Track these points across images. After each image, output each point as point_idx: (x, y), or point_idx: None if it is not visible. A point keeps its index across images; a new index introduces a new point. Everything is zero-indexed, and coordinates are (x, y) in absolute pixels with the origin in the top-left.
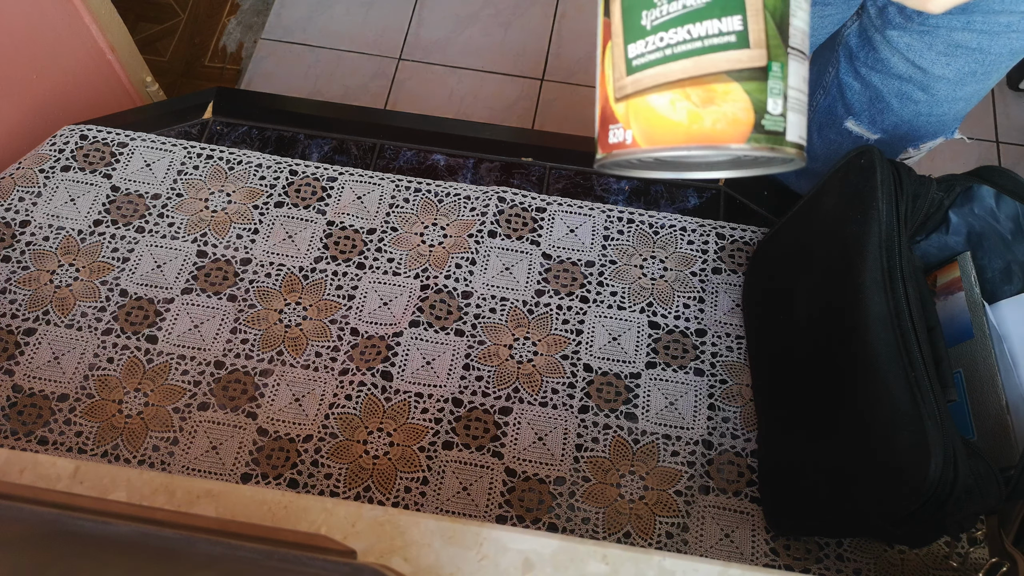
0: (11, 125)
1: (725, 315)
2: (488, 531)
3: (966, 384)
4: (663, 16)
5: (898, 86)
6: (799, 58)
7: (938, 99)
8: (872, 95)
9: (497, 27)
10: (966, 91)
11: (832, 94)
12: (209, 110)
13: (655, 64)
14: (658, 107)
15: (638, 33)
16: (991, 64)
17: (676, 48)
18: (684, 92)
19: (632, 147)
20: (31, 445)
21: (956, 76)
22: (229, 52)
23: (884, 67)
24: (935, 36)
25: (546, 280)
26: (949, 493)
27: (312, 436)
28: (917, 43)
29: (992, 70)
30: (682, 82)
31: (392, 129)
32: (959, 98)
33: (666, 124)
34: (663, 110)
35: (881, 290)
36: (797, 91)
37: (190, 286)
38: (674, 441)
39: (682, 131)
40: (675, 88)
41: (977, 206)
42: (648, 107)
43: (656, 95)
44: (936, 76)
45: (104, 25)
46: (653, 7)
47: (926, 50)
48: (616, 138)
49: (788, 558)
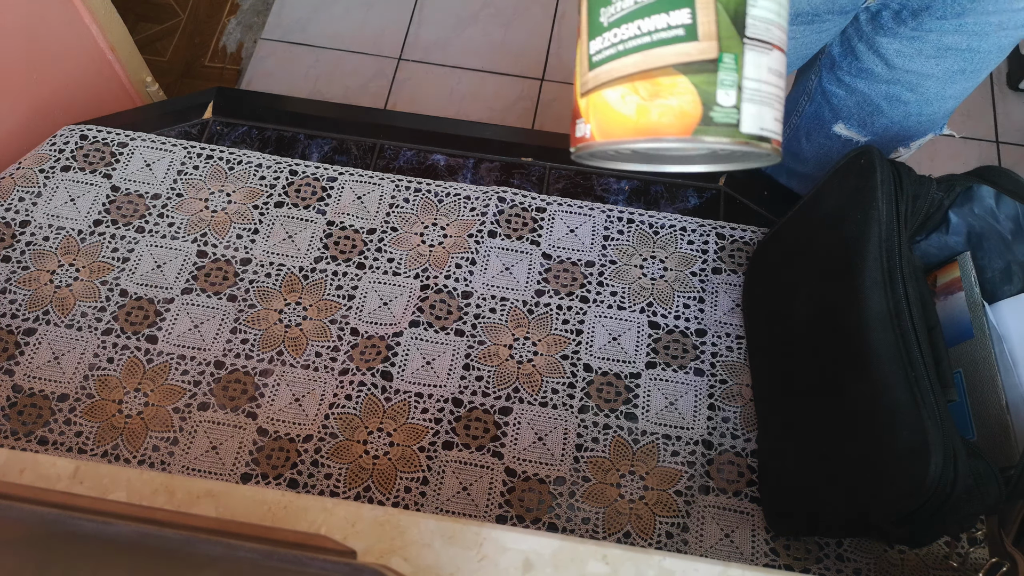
0: (11, 125)
1: (725, 315)
2: (488, 531)
3: (966, 384)
4: (617, 13)
5: (886, 89)
6: (760, 48)
7: (928, 99)
8: (859, 99)
9: (497, 27)
10: (955, 89)
11: (817, 100)
12: (209, 110)
13: (609, 60)
14: (611, 101)
15: (597, 30)
16: (980, 62)
17: (627, 43)
18: (633, 87)
19: (590, 140)
20: (31, 445)
21: (945, 75)
22: (229, 52)
23: (869, 74)
24: (925, 41)
25: (546, 280)
26: (949, 493)
27: (312, 436)
28: (907, 48)
29: (981, 67)
30: (631, 76)
31: (392, 129)
32: (948, 96)
33: (617, 118)
34: (615, 104)
35: (881, 290)
36: (758, 81)
37: (190, 286)
38: (674, 441)
39: (631, 125)
40: (625, 83)
41: (977, 206)
42: (603, 101)
43: (609, 90)
44: (925, 76)
45: (104, 25)
46: (609, 4)
47: (915, 54)
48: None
49: (788, 558)
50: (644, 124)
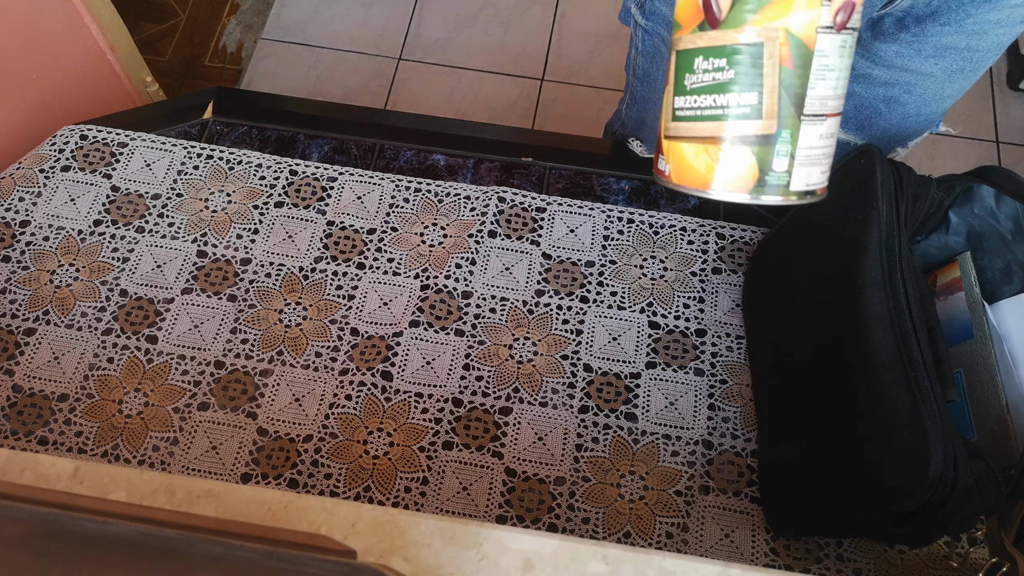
0: (11, 125)
1: (725, 315)
2: (488, 531)
3: (966, 384)
4: (698, 83)
5: (884, 92)
6: (815, 121)
7: (926, 99)
8: (857, 103)
9: (497, 27)
10: (954, 88)
11: None
12: (209, 110)
13: (688, 120)
14: (687, 154)
15: (681, 90)
16: (979, 60)
17: (704, 111)
18: (705, 147)
19: (667, 179)
20: (31, 445)
21: (944, 75)
22: (229, 52)
23: (867, 78)
24: (924, 42)
25: (546, 280)
26: (949, 493)
27: (312, 436)
28: (906, 50)
29: (980, 65)
30: (704, 139)
31: (392, 129)
32: (947, 96)
33: (690, 169)
34: (689, 158)
35: (881, 290)
36: (810, 148)
37: (190, 286)
38: (674, 441)
39: (700, 178)
40: (699, 143)
41: (977, 206)
42: (680, 151)
43: (686, 144)
44: (924, 75)
45: (104, 25)
46: (693, 73)
47: (914, 55)
48: (661, 166)
49: (788, 558)
50: (711, 180)
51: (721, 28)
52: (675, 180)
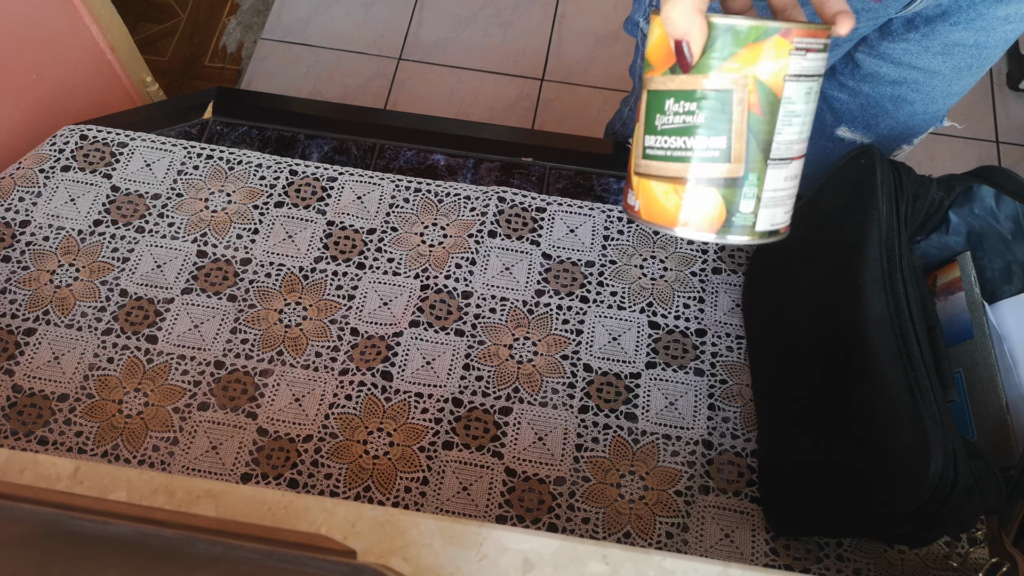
0: (11, 125)
1: (725, 315)
2: (488, 531)
3: (966, 384)
4: (668, 124)
5: (891, 91)
6: (780, 165)
7: (933, 96)
8: (864, 102)
9: (497, 27)
10: (961, 85)
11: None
12: (209, 110)
13: (658, 159)
14: (656, 192)
15: (652, 129)
16: (986, 56)
17: (673, 152)
18: (674, 187)
19: (636, 214)
20: (31, 445)
21: (952, 72)
22: (229, 52)
23: (875, 77)
24: (933, 39)
25: (546, 280)
26: (949, 493)
27: (312, 436)
28: (914, 48)
29: (987, 61)
30: (673, 179)
31: (392, 129)
32: (954, 92)
33: (659, 207)
34: (659, 196)
35: (881, 290)
36: (775, 190)
37: (190, 286)
38: (674, 441)
39: (669, 216)
40: (668, 183)
41: (977, 206)
42: (649, 188)
43: (655, 182)
44: (932, 73)
45: (104, 25)
46: (664, 114)
47: (923, 53)
48: (631, 200)
49: (788, 558)
50: (679, 219)
51: (692, 73)
52: (644, 216)
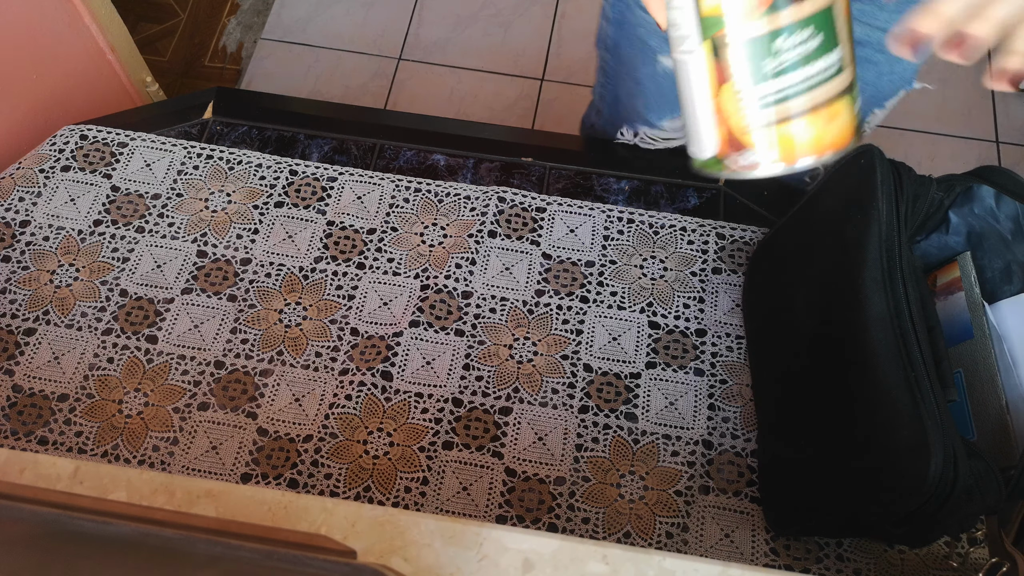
0: (11, 125)
1: (725, 315)
2: (488, 531)
3: (966, 384)
4: (784, 63)
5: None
6: None
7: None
8: None
9: (497, 27)
10: None
11: None
12: (209, 110)
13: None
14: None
15: (762, 78)
16: None
17: (796, 87)
18: (808, 119)
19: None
20: (31, 445)
21: None
22: (229, 52)
23: None
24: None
25: (546, 280)
26: (949, 493)
27: (312, 436)
28: (868, 7)
29: None
30: (805, 111)
31: (392, 129)
32: None
33: (800, 145)
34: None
35: (881, 290)
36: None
37: (190, 286)
38: (674, 441)
39: (809, 147)
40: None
41: (977, 206)
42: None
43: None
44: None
45: (104, 25)
46: (774, 56)
47: (878, 12)
48: (747, 160)
49: (788, 558)
50: (824, 144)
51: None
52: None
